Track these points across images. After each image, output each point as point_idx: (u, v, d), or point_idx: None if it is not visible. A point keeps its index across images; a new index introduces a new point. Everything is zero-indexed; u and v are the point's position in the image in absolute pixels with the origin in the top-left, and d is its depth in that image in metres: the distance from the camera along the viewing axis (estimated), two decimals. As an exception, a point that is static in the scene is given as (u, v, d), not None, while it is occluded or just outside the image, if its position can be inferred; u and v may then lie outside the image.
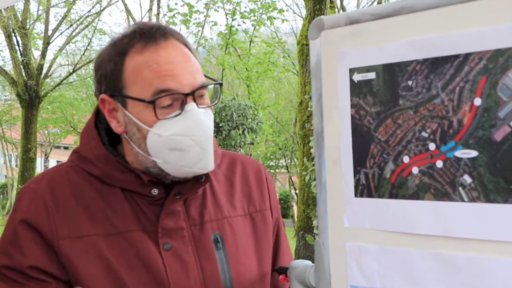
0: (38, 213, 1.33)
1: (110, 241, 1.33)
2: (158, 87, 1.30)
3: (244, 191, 1.57)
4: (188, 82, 1.32)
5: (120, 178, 1.38)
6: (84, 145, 1.43)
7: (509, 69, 0.94)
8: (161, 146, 1.32)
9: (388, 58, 1.09)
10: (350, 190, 1.16)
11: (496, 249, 0.97)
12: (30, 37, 18.11)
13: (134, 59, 1.34)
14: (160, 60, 1.32)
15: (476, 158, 0.98)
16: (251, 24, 16.93)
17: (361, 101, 1.14)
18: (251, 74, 17.03)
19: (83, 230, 1.33)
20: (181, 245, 1.38)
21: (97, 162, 1.39)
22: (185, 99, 1.31)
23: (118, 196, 1.38)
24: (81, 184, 1.38)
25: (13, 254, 1.31)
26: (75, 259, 1.30)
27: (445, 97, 1.02)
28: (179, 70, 1.32)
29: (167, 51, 1.33)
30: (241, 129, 11.57)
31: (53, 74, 21.42)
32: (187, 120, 1.31)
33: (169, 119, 1.31)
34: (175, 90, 1.30)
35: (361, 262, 1.15)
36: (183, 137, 1.30)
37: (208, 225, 1.44)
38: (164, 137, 1.31)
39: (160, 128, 1.31)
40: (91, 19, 19.94)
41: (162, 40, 1.34)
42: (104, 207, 1.36)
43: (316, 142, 1.22)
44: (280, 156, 23.91)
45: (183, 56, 1.35)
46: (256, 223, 1.55)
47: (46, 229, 1.31)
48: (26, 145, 17.50)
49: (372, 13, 1.11)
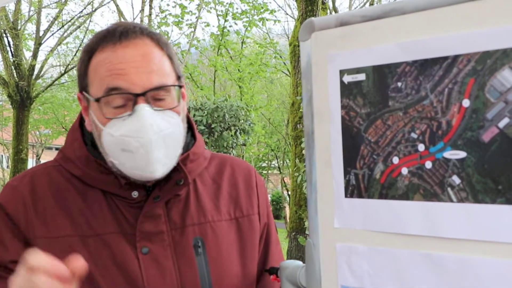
0: (16, 209, 1.33)
1: (86, 243, 1.32)
2: (109, 85, 1.30)
3: (232, 195, 1.55)
4: (141, 82, 1.29)
5: (99, 179, 1.37)
6: (69, 146, 1.43)
7: (497, 70, 0.95)
8: (113, 147, 1.30)
9: (378, 59, 1.10)
10: (340, 191, 1.17)
11: (484, 249, 0.98)
12: (22, 38, 18.04)
13: (97, 57, 1.34)
14: (114, 59, 1.30)
15: (464, 159, 0.99)
16: (243, 25, 16.95)
17: (351, 102, 1.14)
18: (243, 75, 17.03)
19: (60, 231, 1.32)
20: (160, 249, 1.37)
21: (79, 162, 1.38)
22: (136, 100, 1.29)
23: (98, 198, 1.37)
24: (63, 184, 1.38)
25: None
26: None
27: (434, 99, 1.03)
28: (132, 70, 1.29)
29: (125, 50, 1.31)
30: (233, 130, 11.57)
31: (45, 75, 21.36)
32: (134, 121, 1.28)
33: (120, 118, 1.30)
34: (125, 89, 1.29)
35: (351, 262, 1.15)
36: (130, 138, 1.28)
37: (190, 229, 1.42)
38: (115, 137, 1.29)
39: (112, 128, 1.30)
40: (82, 20, 19.89)
41: (124, 39, 1.32)
42: (83, 208, 1.35)
43: (306, 143, 1.23)
44: (273, 157, 23.91)
45: (143, 56, 1.32)
46: (242, 228, 1.53)
47: (23, 225, 1.32)
48: (18, 146, 17.42)
49: (362, 15, 1.12)
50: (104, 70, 1.31)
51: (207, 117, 11.01)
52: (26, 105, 17.65)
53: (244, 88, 17.18)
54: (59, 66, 22.76)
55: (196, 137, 1.53)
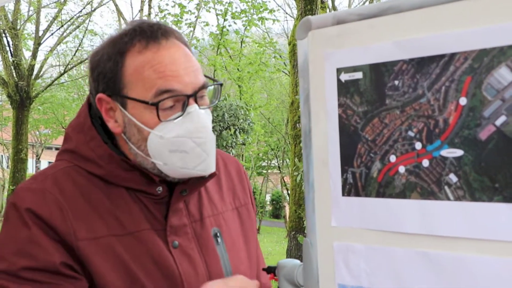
0: (52, 213, 1.27)
1: (123, 242, 1.31)
2: (161, 88, 1.28)
3: (229, 186, 1.60)
4: (191, 83, 1.31)
5: (125, 177, 1.36)
6: (83, 145, 1.38)
7: (494, 68, 0.95)
8: (162, 148, 1.30)
9: (375, 58, 1.10)
10: (337, 189, 1.17)
11: (481, 247, 0.98)
12: (21, 38, 18.04)
13: (135, 58, 1.31)
14: (164, 60, 1.30)
15: (461, 157, 0.99)
16: (243, 24, 16.95)
17: (348, 101, 1.14)
18: (242, 74, 17.03)
19: (98, 231, 1.30)
20: (186, 242, 1.39)
21: (101, 161, 1.36)
22: (187, 100, 1.30)
23: (123, 196, 1.36)
24: (85, 185, 1.35)
25: (35, 253, 1.24)
26: (94, 260, 1.27)
27: (431, 97, 1.03)
28: (182, 71, 1.30)
29: (170, 51, 1.31)
30: (233, 129, 11.58)
31: (44, 74, 21.35)
32: (190, 122, 1.29)
33: (171, 121, 1.30)
34: (178, 91, 1.29)
35: (349, 261, 1.15)
36: (186, 139, 1.29)
37: (207, 221, 1.46)
38: (166, 139, 1.29)
39: (162, 130, 1.30)
40: (82, 20, 19.89)
41: (164, 39, 1.32)
42: (111, 208, 1.34)
43: (304, 142, 1.23)
44: (272, 156, 23.90)
45: (185, 56, 1.33)
46: (242, 217, 1.59)
47: (63, 230, 1.26)
48: (17, 146, 17.42)
49: (358, 13, 1.12)
50: (152, 71, 1.29)
51: (207, 116, 10.97)
52: (26, 105, 17.65)
53: (243, 88, 17.18)
54: (58, 66, 22.76)
55: None
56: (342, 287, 1.17)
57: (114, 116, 1.37)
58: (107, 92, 1.35)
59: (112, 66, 1.34)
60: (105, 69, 1.35)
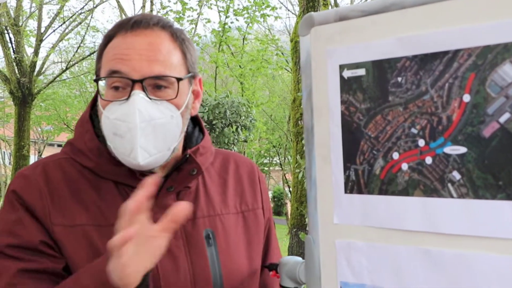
0: (32, 196, 1.33)
1: (101, 232, 1.32)
2: (111, 68, 1.33)
3: (237, 190, 1.58)
4: (141, 69, 1.31)
5: (112, 170, 1.38)
6: (79, 138, 1.43)
7: (498, 65, 0.94)
8: (108, 130, 1.33)
9: (378, 54, 1.09)
10: (340, 187, 1.16)
11: (484, 245, 0.97)
12: (23, 34, 18.03)
13: (110, 44, 1.38)
14: (122, 45, 1.34)
15: (465, 154, 0.99)
16: (244, 21, 16.93)
17: (351, 98, 1.14)
18: (244, 71, 17.02)
19: (76, 219, 1.33)
20: (172, 239, 1.37)
21: (91, 154, 1.39)
22: (133, 86, 1.31)
23: (111, 189, 1.38)
24: (75, 176, 1.38)
25: (19, 232, 1.30)
26: (67, 245, 1.31)
27: (434, 94, 1.02)
28: (136, 56, 1.32)
29: (134, 38, 1.34)
30: (235, 126, 11.57)
31: (46, 71, 21.34)
32: (126, 106, 1.30)
33: (117, 102, 1.32)
34: (125, 73, 1.31)
35: (351, 258, 1.15)
36: (121, 122, 1.30)
37: (200, 221, 1.45)
38: (110, 120, 1.32)
39: (109, 111, 1.33)
40: (84, 16, 19.87)
41: (136, 27, 1.35)
42: (96, 200, 1.36)
43: (306, 139, 1.22)
44: (274, 153, 23.92)
45: (149, 44, 1.34)
46: (248, 222, 1.56)
47: (40, 212, 1.31)
48: (19, 143, 17.41)
49: (361, 10, 1.11)
50: (111, 54, 1.35)
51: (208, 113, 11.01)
52: (28, 102, 17.64)
53: (245, 85, 17.17)
54: (60, 62, 22.76)
55: (204, 132, 1.56)
56: (344, 284, 1.16)
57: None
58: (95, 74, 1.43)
59: (98, 51, 1.42)
60: (96, 54, 1.43)
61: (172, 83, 1.35)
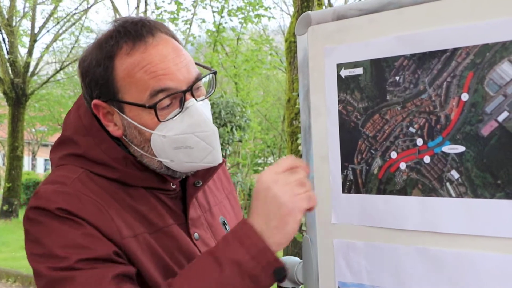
0: (93, 213, 1.24)
1: (156, 238, 1.31)
2: (156, 88, 1.25)
3: (217, 176, 1.62)
4: (184, 78, 1.28)
5: (140, 176, 1.35)
6: (93, 148, 1.34)
7: (496, 64, 0.94)
8: (166, 147, 1.29)
9: (375, 53, 1.09)
10: (337, 186, 1.16)
11: (483, 244, 0.97)
12: (17, 35, 17.97)
13: (124, 61, 1.28)
14: (153, 59, 1.26)
15: (463, 153, 0.98)
16: (239, 22, 16.92)
17: (349, 97, 1.13)
18: (239, 71, 17.01)
19: (135, 229, 1.28)
20: (203, 232, 1.41)
21: (115, 164, 1.33)
22: (184, 96, 1.27)
23: (143, 195, 1.35)
24: (107, 187, 1.31)
25: (90, 245, 1.21)
26: (138, 257, 1.26)
27: (432, 93, 1.02)
28: (173, 67, 1.27)
29: (157, 49, 1.28)
30: (229, 126, 11.55)
31: (40, 72, 21.28)
32: (190, 117, 1.27)
33: (171, 119, 1.28)
34: (173, 88, 1.26)
35: (349, 258, 1.15)
36: (189, 135, 1.27)
37: (214, 210, 1.49)
38: (168, 138, 1.28)
39: (163, 130, 1.28)
40: (78, 17, 19.82)
41: (150, 36, 1.29)
42: (137, 207, 1.32)
43: (303, 138, 1.22)
44: (269, 153, 23.91)
45: (174, 51, 1.30)
46: (232, 203, 1.62)
47: (108, 230, 1.24)
48: (13, 144, 17.37)
49: (359, 9, 1.11)
50: (143, 73, 1.26)
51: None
52: (22, 102, 17.60)
53: (240, 85, 17.15)
54: (54, 63, 22.70)
55: None
56: (343, 284, 1.16)
57: (113, 119, 1.34)
58: (102, 98, 1.32)
59: (102, 72, 1.30)
60: (95, 75, 1.31)
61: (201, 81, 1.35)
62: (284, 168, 1.14)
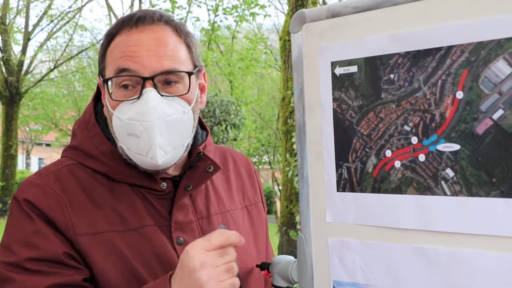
0: (51, 207, 1.27)
1: (125, 237, 1.30)
2: (120, 67, 1.29)
3: (238, 185, 1.59)
4: (151, 66, 1.28)
5: (128, 173, 1.35)
6: (86, 142, 1.38)
7: (491, 62, 0.94)
8: (121, 131, 1.30)
9: (370, 51, 1.08)
10: (332, 185, 1.16)
11: (478, 243, 0.97)
12: (10, 33, 17.92)
13: (114, 41, 1.34)
14: (129, 42, 1.31)
15: (458, 151, 0.98)
16: (234, 20, 16.91)
17: (343, 95, 1.13)
18: (233, 70, 17.00)
19: (98, 227, 1.29)
20: (192, 238, 1.36)
21: (103, 158, 1.35)
22: (144, 83, 1.28)
23: (127, 192, 1.35)
24: (88, 181, 1.34)
25: (40, 244, 1.24)
26: (93, 255, 1.26)
27: (427, 91, 1.01)
28: (144, 53, 1.29)
29: (140, 35, 1.31)
30: (224, 125, 11.55)
31: (34, 70, 21.23)
32: (140, 104, 1.27)
33: (128, 101, 1.29)
34: (134, 71, 1.28)
35: (344, 257, 1.14)
36: (136, 122, 1.27)
37: (214, 218, 1.45)
38: (122, 121, 1.28)
39: (120, 111, 1.29)
40: (72, 15, 19.77)
41: (140, 24, 1.32)
42: (114, 204, 1.33)
43: (298, 137, 1.21)
44: (263, 152, 23.91)
45: (156, 40, 1.32)
46: (252, 216, 1.57)
47: (62, 224, 1.26)
48: (7, 142, 17.34)
49: (353, 6, 1.10)
50: (117, 52, 1.31)
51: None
52: (15, 101, 17.56)
53: (234, 83, 17.14)
54: (48, 61, 22.64)
55: (206, 129, 1.54)
56: (337, 283, 1.16)
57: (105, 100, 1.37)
58: (99, 74, 1.39)
59: (101, 50, 1.38)
60: (99, 53, 1.40)
61: (182, 78, 1.33)
62: (215, 247, 1.16)
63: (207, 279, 1.12)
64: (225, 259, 1.16)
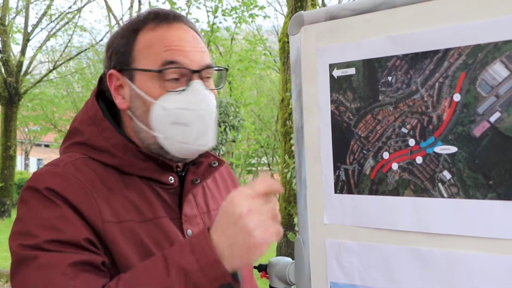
0: (77, 194, 1.27)
1: (144, 227, 1.32)
2: (167, 59, 1.32)
3: (224, 185, 1.62)
4: (196, 60, 1.34)
5: (140, 165, 1.37)
6: (95, 136, 1.39)
7: (488, 64, 0.94)
8: (164, 120, 1.32)
9: (368, 53, 1.09)
10: (330, 187, 1.16)
11: (474, 245, 0.97)
12: (10, 33, 17.90)
13: (146, 35, 1.37)
14: (172, 37, 1.35)
15: (455, 154, 0.98)
16: (233, 21, 16.92)
17: (341, 97, 1.13)
18: (233, 71, 17.01)
19: (121, 216, 1.30)
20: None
21: (115, 151, 1.37)
22: (192, 76, 1.33)
23: (138, 185, 1.37)
24: (103, 173, 1.35)
25: (63, 227, 1.23)
26: (119, 243, 1.27)
27: (424, 93, 1.02)
28: (188, 48, 1.35)
29: (178, 31, 1.36)
30: (223, 126, 11.56)
31: (33, 71, 21.21)
32: (192, 94, 1.31)
33: (175, 92, 1.32)
34: (183, 63, 1.32)
35: (341, 258, 1.14)
36: (188, 111, 1.31)
37: (213, 214, 1.47)
38: (168, 110, 1.31)
39: (165, 101, 1.32)
40: (71, 16, 19.77)
41: (175, 21, 1.38)
42: (129, 195, 1.34)
43: (296, 139, 1.22)
44: (262, 153, 23.91)
45: (193, 37, 1.38)
46: None
47: (90, 211, 1.26)
48: (6, 143, 17.31)
49: (351, 9, 1.11)
50: (160, 46, 1.34)
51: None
52: (15, 102, 17.54)
53: (233, 84, 17.16)
54: (47, 62, 22.62)
55: None
56: (335, 285, 1.16)
57: (122, 93, 1.39)
58: (118, 67, 1.39)
59: (124, 43, 1.39)
60: (118, 46, 1.40)
61: (212, 74, 1.39)
62: (259, 194, 1.12)
63: (254, 226, 1.08)
64: (269, 206, 1.12)
